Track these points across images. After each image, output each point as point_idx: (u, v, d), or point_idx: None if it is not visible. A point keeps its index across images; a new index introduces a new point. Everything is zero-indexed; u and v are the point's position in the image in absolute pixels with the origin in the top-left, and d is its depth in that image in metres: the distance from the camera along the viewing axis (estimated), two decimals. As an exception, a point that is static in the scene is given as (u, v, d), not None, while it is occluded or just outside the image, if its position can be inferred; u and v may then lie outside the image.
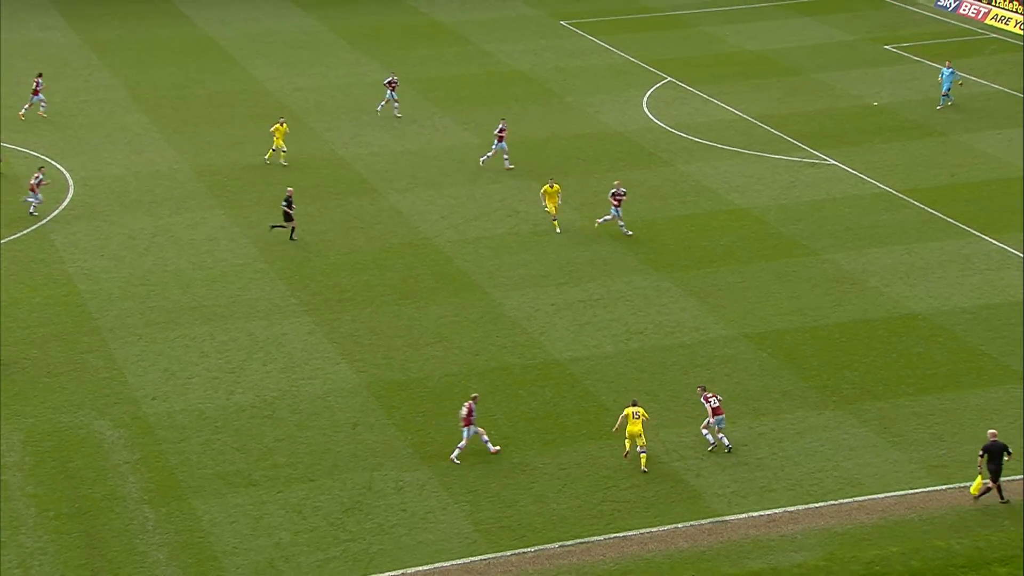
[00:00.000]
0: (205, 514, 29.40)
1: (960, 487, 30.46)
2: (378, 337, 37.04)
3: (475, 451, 31.68)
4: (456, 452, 31.26)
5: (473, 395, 31.89)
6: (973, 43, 65.61)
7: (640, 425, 31.00)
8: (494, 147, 48.39)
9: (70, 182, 47.84)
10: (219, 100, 56.29)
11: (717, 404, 31.59)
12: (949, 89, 55.19)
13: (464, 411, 31.24)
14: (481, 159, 48.89)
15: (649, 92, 57.99)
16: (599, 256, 41.91)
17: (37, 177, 44.19)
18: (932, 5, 71.88)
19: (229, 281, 40.28)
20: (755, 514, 29.52)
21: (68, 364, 35.41)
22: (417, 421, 33.07)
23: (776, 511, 29.59)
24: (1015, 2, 68.99)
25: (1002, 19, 68.30)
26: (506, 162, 48.37)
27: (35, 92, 52.90)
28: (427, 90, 58.36)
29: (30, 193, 44.07)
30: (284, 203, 42.64)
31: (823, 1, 73.14)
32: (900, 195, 46.76)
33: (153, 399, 33.93)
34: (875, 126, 53.70)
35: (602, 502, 29.99)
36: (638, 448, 31.07)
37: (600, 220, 43.31)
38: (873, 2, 73.03)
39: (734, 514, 29.53)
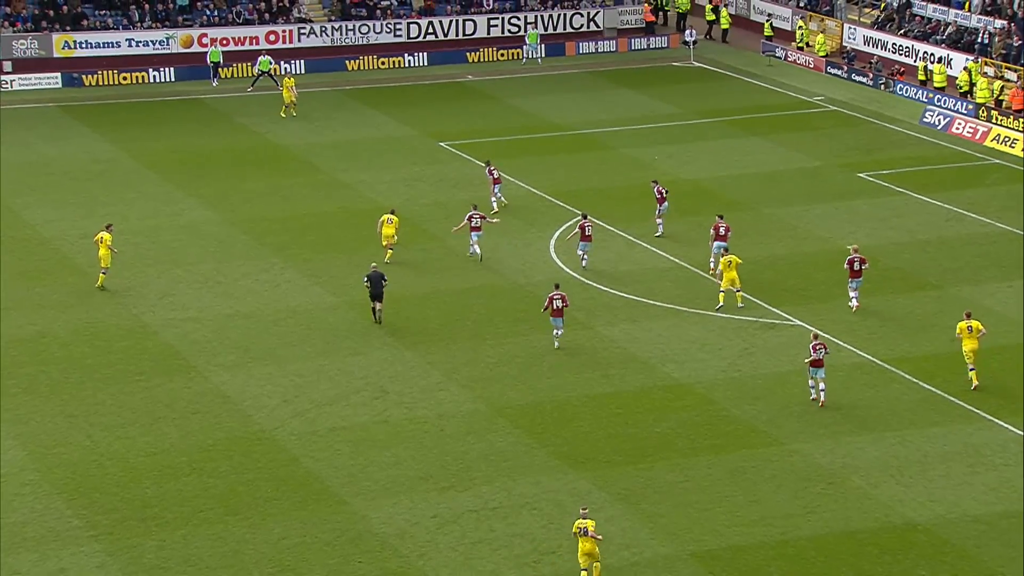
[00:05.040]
0: None
1: None
2: (196, 569, 36.34)
3: None
4: None
5: None
6: (970, 170, 67.79)
7: (393, 228, 54.10)
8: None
9: None
10: (-24, 251, 56.02)
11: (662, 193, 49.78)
12: None
13: None
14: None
15: (557, 232, 58.72)
16: (496, 449, 41.84)
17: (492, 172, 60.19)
18: (917, 123, 74.36)
19: (-12, 496, 39.46)
20: None
21: None
22: None
23: None
24: (1021, 120, 71.45)
25: (1006, 140, 70.51)
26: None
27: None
28: (263, 234, 58.46)
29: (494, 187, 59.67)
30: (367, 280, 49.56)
31: (777, 118, 75.33)
32: (886, 366, 47.57)
33: None
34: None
35: None
36: (388, 246, 53.73)
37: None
38: (842, 119, 75.40)
39: None
